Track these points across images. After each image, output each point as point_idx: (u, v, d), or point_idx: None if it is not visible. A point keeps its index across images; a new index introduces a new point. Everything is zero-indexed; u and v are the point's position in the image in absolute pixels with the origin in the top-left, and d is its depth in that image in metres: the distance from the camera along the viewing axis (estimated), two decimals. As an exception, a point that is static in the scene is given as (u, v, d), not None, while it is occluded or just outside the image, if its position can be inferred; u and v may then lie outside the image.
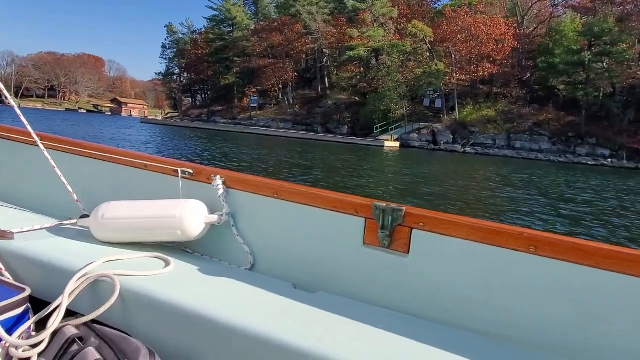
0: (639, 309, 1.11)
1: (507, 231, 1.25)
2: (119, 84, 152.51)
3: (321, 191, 1.54)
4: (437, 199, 10.06)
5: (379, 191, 10.61)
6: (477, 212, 8.58)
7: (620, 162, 34.32)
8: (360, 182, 12.45)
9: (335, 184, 11.05)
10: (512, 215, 8.55)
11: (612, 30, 34.44)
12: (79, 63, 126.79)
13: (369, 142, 36.62)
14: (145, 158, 1.83)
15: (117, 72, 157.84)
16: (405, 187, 11.98)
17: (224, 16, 63.16)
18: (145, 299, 1.24)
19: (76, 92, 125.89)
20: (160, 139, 26.37)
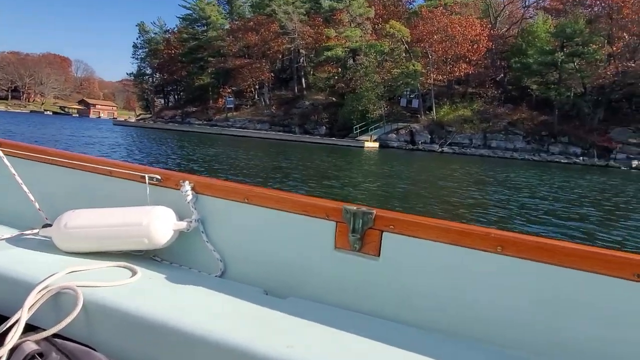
0: (598, 304, 1.14)
1: (475, 232, 1.26)
2: (86, 84, 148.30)
3: (292, 195, 1.52)
4: (427, 201, 9.95)
5: (367, 195, 10.43)
6: (460, 212, 8.50)
7: (592, 159, 35.30)
8: (346, 185, 12.26)
9: (320, 189, 10.81)
10: (493, 214, 8.52)
11: (584, 32, 35.40)
12: (44, 63, 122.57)
13: (349, 143, 36.56)
14: (110, 164, 1.77)
15: (84, 72, 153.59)
16: (392, 190, 11.85)
17: (197, 15, 62.02)
18: (110, 310, 1.21)
19: (41, 93, 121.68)
20: (133, 141, 25.55)
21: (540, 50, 38.35)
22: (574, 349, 1.16)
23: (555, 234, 7.08)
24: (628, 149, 35.01)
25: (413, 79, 39.99)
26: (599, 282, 1.13)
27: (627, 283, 1.11)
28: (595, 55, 36.12)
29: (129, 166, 1.76)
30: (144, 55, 69.71)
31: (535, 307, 1.21)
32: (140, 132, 37.15)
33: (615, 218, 9.33)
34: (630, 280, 1.10)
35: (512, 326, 1.23)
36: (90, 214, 1.58)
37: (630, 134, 35.82)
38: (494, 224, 7.50)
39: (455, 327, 1.29)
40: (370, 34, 47.77)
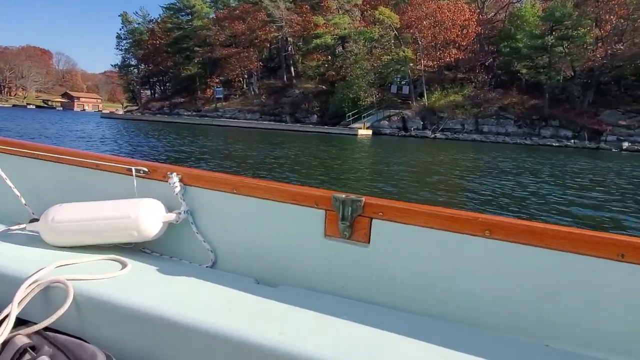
0: (584, 284, 1.16)
1: (463, 217, 1.27)
2: (69, 77, 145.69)
3: (281, 184, 1.52)
4: (431, 190, 9.89)
5: (366, 184, 10.33)
6: (468, 200, 8.47)
7: (583, 142, 35.62)
8: (344, 174, 12.15)
9: (317, 179, 10.68)
10: (503, 202, 8.51)
11: (573, 15, 35.47)
12: (24, 56, 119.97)
13: (342, 131, 36.39)
14: (96, 157, 1.76)
15: (66, 64, 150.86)
16: (392, 179, 11.76)
17: (182, 4, 60.87)
18: (101, 302, 1.22)
19: (23, 87, 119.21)
20: (123, 134, 25.06)
21: (530, 34, 38.38)
22: (562, 329, 1.19)
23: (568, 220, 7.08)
24: (618, 130, 35.38)
25: (403, 65, 39.83)
26: (585, 263, 1.16)
27: (612, 263, 1.13)
28: (585, 39, 36.24)
29: (115, 159, 1.74)
30: (128, 46, 68.41)
31: (523, 290, 1.23)
32: (129, 125, 36.52)
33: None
34: (615, 260, 1.13)
35: (501, 309, 1.25)
36: (77, 208, 1.57)
37: (619, 115, 36.19)
38: (507, 212, 7.47)
39: (446, 311, 1.31)
40: (359, 21, 47.33)
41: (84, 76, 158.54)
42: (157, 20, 66.20)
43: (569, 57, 36.65)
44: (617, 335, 1.15)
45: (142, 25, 68.17)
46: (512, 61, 40.41)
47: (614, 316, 1.15)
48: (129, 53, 67.91)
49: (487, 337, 1.19)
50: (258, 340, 1.07)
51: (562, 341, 1.18)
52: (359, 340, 1.10)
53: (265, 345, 1.06)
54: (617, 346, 1.15)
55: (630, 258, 1.12)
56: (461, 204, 8.04)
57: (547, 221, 5.17)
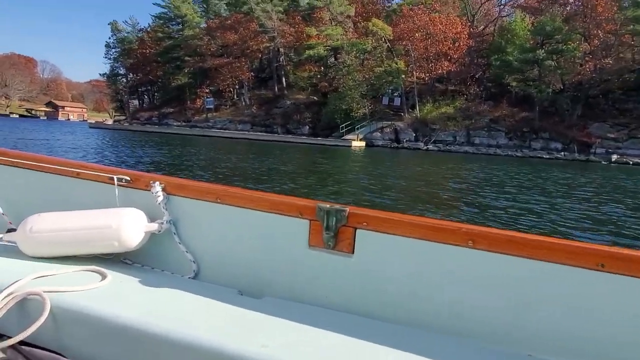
0: (565, 293, 1.18)
1: (447, 227, 1.28)
2: (53, 86, 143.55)
3: (265, 194, 1.52)
4: (436, 204, 9.76)
5: (368, 196, 10.17)
6: (475, 215, 8.38)
7: (573, 154, 36.08)
8: (343, 186, 11.97)
9: (317, 192, 10.49)
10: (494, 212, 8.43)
11: (563, 29, 36.11)
12: (7, 64, 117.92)
13: (336, 143, 36.28)
14: (77, 165, 1.73)
15: (51, 73, 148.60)
16: (396, 190, 11.64)
17: (173, 14, 60.55)
18: (79, 315, 1.19)
19: (6, 96, 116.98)
20: (115, 145, 24.58)
21: (521, 47, 38.94)
22: (544, 338, 1.20)
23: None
24: (607, 143, 35.95)
25: (396, 77, 40.01)
26: (566, 273, 1.17)
27: (592, 273, 1.14)
28: (575, 53, 36.90)
29: (97, 167, 1.72)
30: (117, 54, 67.71)
31: (506, 300, 1.24)
32: (119, 135, 35.92)
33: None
34: (595, 270, 1.14)
35: (484, 319, 1.25)
36: (56, 218, 1.52)
37: (608, 128, 36.80)
38: (517, 227, 7.37)
39: (430, 321, 1.30)
40: (352, 33, 47.58)
41: (69, 85, 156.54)
42: (147, 29, 65.68)
43: (559, 70, 37.22)
44: (598, 344, 1.15)
45: (132, 34, 67.59)
46: (502, 74, 40.88)
47: (594, 325, 1.16)
48: (118, 62, 67.19)
49: (471, 347, 1.20)
50: (240, 353, 1.05)
51: (545, 351, 1.19)
52: (344, 352, 1.09)
53: (248, 358, 1.04)
54: (598, 355, 1.15)
55: (610, 268, 1.13)
56: (470, 218, 7.92)
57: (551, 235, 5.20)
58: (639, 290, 1.11)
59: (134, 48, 63.15)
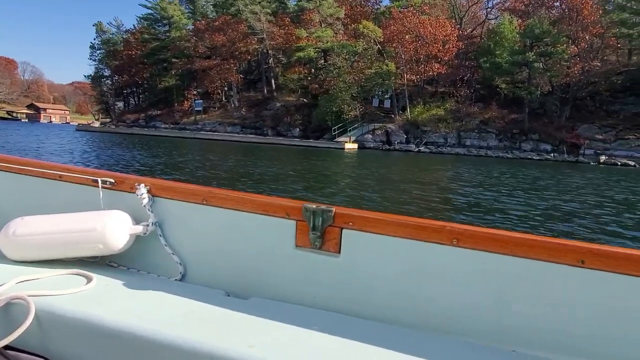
0: (547, 288, 1.20)
1: (431, 226, 1.30)
2: (34, 87, 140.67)
3: (251, 195, 1.52)
4: (438, 206, 9.65)
5: (365, 201, 10.01)
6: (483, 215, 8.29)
7: (562, 155, 36.50)
8: (340, 192, 11.79)
9: (312, 195, 10.32)
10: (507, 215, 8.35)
11: (552, 32, 36.53)
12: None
13: (328, 145, 36.09)
14: (60, 168, 1.72)
15: (32, 74, 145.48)
16: (392, 195, 11.50)
17: (159, 15, 59.77)
18: (65, 319, 1.19)
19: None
20: (105, 149, 24.02)
21: (510, 50, 39.28)
22: (528, 334, 1.22)
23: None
24: (595, 144, 36.45)
25: (387, 79, 40.01)
26: (548, 269, 1.19)
27: (573, 269, 1.17)
28: (563, 55, 37.37)
29: (80, 170, 1.70)
30: (102, 56, 66.53)
31: (490, 296, 1.25)
32: (108, 139, 35.20)
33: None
34: (576, 266, 1.16)
35: (469, 316, 1.27)
36: (40, 221, 1.51)
37: (596, 130, 37.33)
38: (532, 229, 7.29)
39: (416, 319, 1.31)
40: (342, 35, 47.50)
41: (50, 87, 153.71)
42: (132, 30, 64.70)
43: (549, 73, 37.64)
44: (579, 338, 1.17)
45: (117, 35, 66.52)
46: (492, 76, 41.20)
47: (576, 320, 1.18)
48: (103, 64, 65.98)
49: (456, 344, 1.21)
50: (227, 353, 1.04)
51: (528, 346, 1.21)
52: (332, 351, 1.09)
53: (235, 359, 1.04)
54: (580, 349, 1.17)
55: (590, 264, 1.15)
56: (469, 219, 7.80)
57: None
58: (618, 285, 1.15)
59: (120, 49, 62.13)
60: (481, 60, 42.66)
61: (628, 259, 1.14)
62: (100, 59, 66.42)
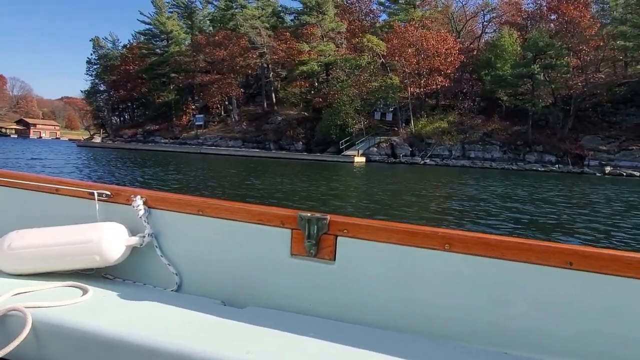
0: (537, 291, 1.23)
1: (423, 232, 1.33)
2: (23, 103, 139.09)
3: (246, 205, 1.53)
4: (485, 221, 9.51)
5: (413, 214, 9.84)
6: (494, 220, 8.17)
7: (567, 167, 36.82)
8: (364, 204, 11.61)
9: (341, 211, 10.12)
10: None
11: (556, 45, 37.06)
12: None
13: (337, 159, 35.94)
14: (56, 182, 1.73)
15: (21, 90, 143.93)
16: (420, 206, 11.35)
17: (158, 30, 59.54)
18: (61, 330, 1.19)
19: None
20: (114, 166, 23.57)
21: (514, 62, 39.73)
22: (519, 336, 1.24)
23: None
24: (599, 155, 36.85)
25: (393, 92, 40.14)
26: (537, 272, 1.22)
27: (562, 271, 1.19)
28: (567, 67, 37.90)
29: (76, 183, 1.72)
30: (99, 71, 65.93)
31: (481, 299, 1.28)
32: (113, 155, 34.64)
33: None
34: (564, 268, 1.19)
35: (462, 319, 1.29)
36: (36, 234, 1.52)
37: (599, 141, 37.78)
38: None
39: (409, 323, 1.33)
40: (345, 48, 47.71)
41: (39, 102, 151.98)
42: (130, 45, 64.32)
43: (553, 84, 38.09)
44: (569, 339, 1.19)
45: (113, 50, 66.07)
46: (493, 88, 41.57)
47: (566, 321, 1.20)
48: (100, 79, 65.35)
49: (450, 347, 1.24)
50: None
51: (520, 348, 1.22)
52: (328, 357, 1.10)
53: None
54: (570, 350, 1.19)
55: (578, 265, 1.18)
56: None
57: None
58: (606, 286, 1.17)
59: (117, 64, 61.66)
60: (482, 72, 43.08)
61: (614, 260, 1.16)
62: (96, 74, 65.82)
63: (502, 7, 52.50)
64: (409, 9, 49.29)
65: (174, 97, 56.54)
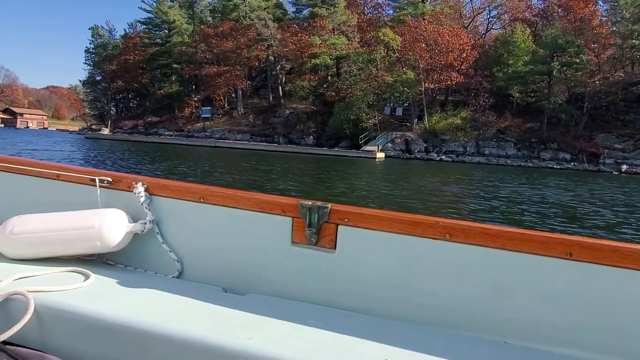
0: (537, 281, 1.24)
1: (425, 221, 1.33)
2: (8, 91, 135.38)
3: (248, 193, 1.53)
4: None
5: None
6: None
7: (582, 165, 36.94)
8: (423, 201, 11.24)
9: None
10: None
11: (575, 42, 37.01)
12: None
13: (359, 154, 35.39)
14: (57, 167, 1.73)
15: (6, 78, 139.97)
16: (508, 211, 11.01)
17: (160, 20, 58.02)
18: (63, 314, 1.20)
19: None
20: (135, 161, 22.77)
21: (532, 59, 39.61)
22: (519, 326, 1.25)
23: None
24: (614, 154, 37.07)
25: (409, 87, 39.71)
26: (537, 262, 1.23)
27: (561, 261, 1.20)
28: (587, 65, 37.91)
29: (77, 169, 1.71)
30: (96, 60, 64.07)
31: (482, 289, 1.29)
32: (126, 147, 33.57)
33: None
34: (564, 258, 1.20)
35: (462, 309, 1.30)
36: (38, 219, 1.52)
37: (614, 139, 38.00)
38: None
39: (409, 312, 1.34)
40: (357, 42, 47.05)
41: (25, 91, 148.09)
42: (130, 34, 62.61)
43: (572, 82, 38.10)
44: (569, 329, 1.20)
45: (112, 40, 64.25)
46: (506, 85, 41.39)
47: (565, 311, 1.21)
48: (99, 68, 63.53)
49: (450, 336, 1.25)
50: (226, 346, 1.06)
51: (520, 337, 1.23)
52: (328, 344, 1.11)
53: (234, 350, 1.05)
54: (569, 339, 1.20)
55: (577, 256, 1.19)
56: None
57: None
58: (604, 276, 1.18)
59: (116, 54, 60.01)
60: (494, 69, 42.88)
61: (614, 251, 1.16)
62: (95, 62, 63.97)
63: (511, 4, 52.44)
64: (418, 3, 48.82)
65: (177, 89, 55.27)
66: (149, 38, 59.00)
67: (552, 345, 1.20)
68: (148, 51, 57.77)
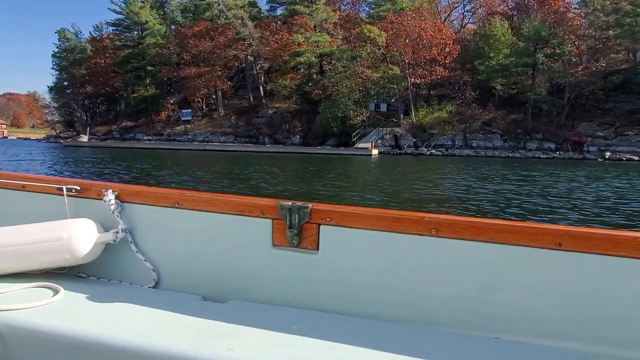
0: (526, 273, 1.21)
1: (409, 217, 1.29)
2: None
3: (225, 196, 1.49)
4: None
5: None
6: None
7: (567, 153, 37.83)
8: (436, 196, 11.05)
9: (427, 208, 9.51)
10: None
11: (558, 34, 37.80)
12: None
13: (354, 152, 34.99)
14: (22, 178, 1.67)
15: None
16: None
17: (131, 21, 55.93)
18: (30, 333, 1.15)
19: None
20: (130, 169, 21.71)
21: (515, 51, 40.21)
22: (509, 320, 1.22)
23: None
24: (597, 141, 38.13)
25: (395, 83, 39.64)
26: (526, 254, 1.20)
27: (551, 252, 1.18)
28: (570, 57, 38.78)
29: (43, 178, 1.65)
30: (61, 65, 61.22)
31: (471, 285, 1.25)
32: (109, 154, 32.03)
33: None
34: (552, 249, 1.18)
35: (451, 305, 1.27)
36: (2, 233, 1.44)
37: (595, 127, 39.10)
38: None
39: (397, 312, 1.30)
40: (340, 39, 46.66)
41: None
42: (99, 37, 60.12)
43: (555, 73, 38.90)
44: (560, 321, 1.19)
45: (79, 42, 61.56)
46: (491, 77, 41.92)
47: (556, 303, 1.19)
48: (67, 73, 60.72)
49: (440, 335, 1.22)
50: (205, 358, 1.02)
51: (511, 332, 1.21)
52: (313, 351, 1.08)
53: None
54: (561, 332, 1.18)
55: (567, 246, 1.17)
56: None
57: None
58: (595, 265, 1.16)
59: (85, 58, 57.51)
60: (475, 62, 43.36)
61: (604, 239, 1.14)
62: (62, 67, 61.08)
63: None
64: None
65: (152, 92, 53.45)
66: (119, 40, 56.79)
67: (544, 338, 1.18)
68: (119, 54, 55.63)
